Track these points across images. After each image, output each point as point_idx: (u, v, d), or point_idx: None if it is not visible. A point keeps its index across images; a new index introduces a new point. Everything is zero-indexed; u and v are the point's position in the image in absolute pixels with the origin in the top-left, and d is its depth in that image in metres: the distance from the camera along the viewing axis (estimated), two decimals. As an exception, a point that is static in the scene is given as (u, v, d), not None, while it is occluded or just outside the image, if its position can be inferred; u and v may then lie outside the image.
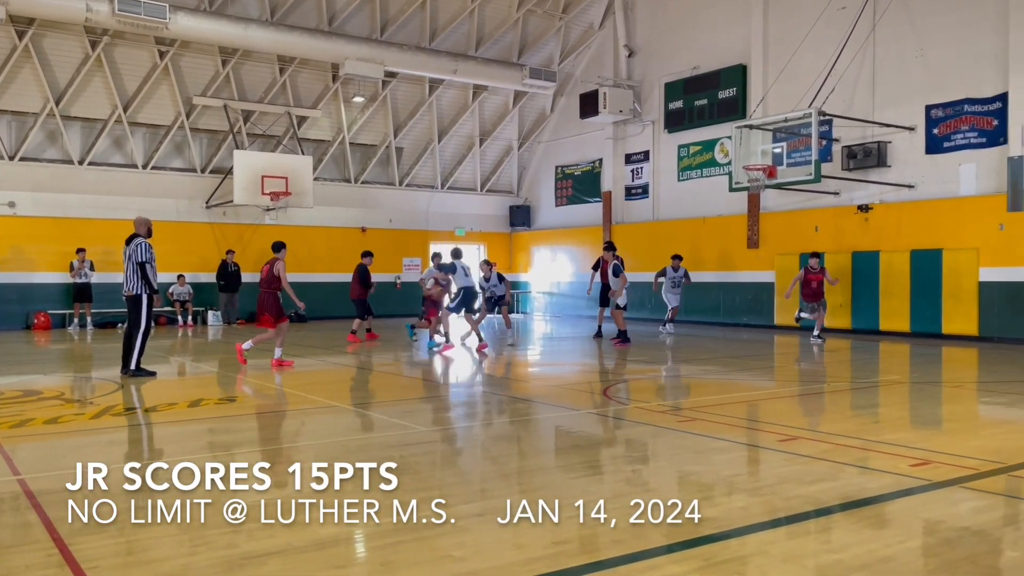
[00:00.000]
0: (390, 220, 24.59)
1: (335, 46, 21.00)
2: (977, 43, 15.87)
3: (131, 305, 10.43)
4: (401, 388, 10.08)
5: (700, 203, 21.33)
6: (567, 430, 7.52)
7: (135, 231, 10.55)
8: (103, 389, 9.46)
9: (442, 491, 5.09)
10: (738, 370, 11.69)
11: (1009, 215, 15.32)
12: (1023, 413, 7.90)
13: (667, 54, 22.29)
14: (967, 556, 3.76)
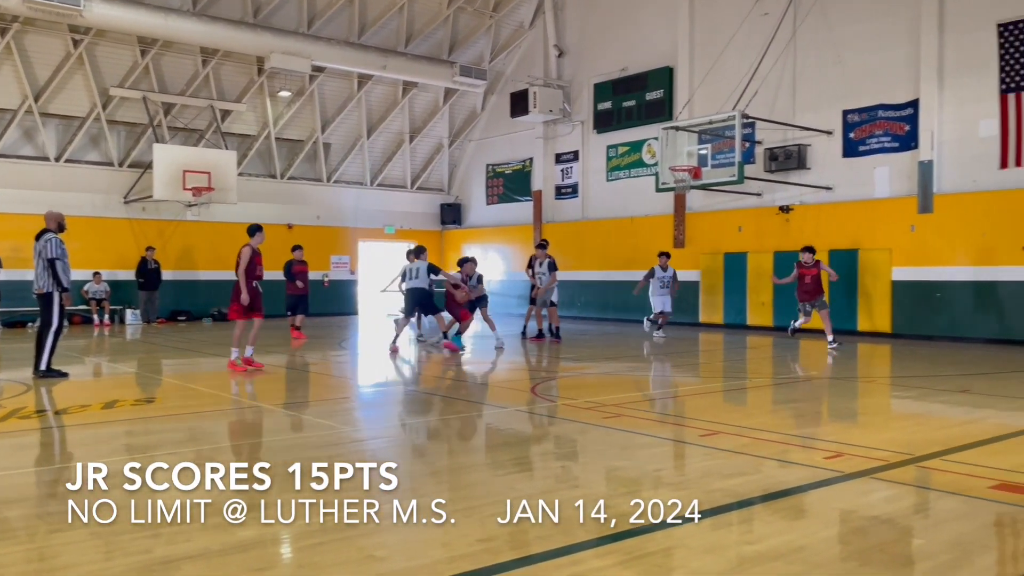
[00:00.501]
0: (317, 217, 24.20)
1: (261, 39, 20.54)
2: (891, 51, 16.51)
3: (42, 304, 10.01)
4: (328, 388, 9.93)
5: (629, 203, 21.63)
6: (495, 428, 7.52)
7: (46, 226, 10.11)
8: (11, 391, 9.04)
9: (367, 490, 5.02)
10: (663, 367, 11.88)
11: (920, 217, 15.99)
12: (932, 406, 8.26)
13: (596, 55, 22.54)
14: (877, 544, 3.89)
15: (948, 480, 5.06)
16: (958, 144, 15.61)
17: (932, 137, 15.81)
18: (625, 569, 3.63)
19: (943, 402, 8.43)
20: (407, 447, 6.59)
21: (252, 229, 11.11)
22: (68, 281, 10.04)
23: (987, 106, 15.13)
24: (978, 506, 4.51)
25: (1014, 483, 4.94)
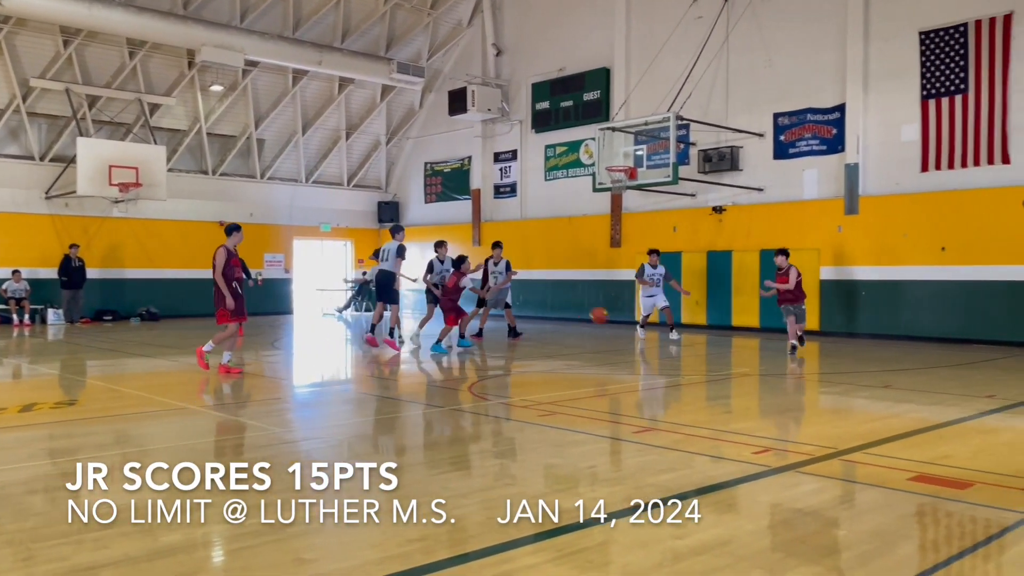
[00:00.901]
0: (251, 214, 23.70)
1: (191, 31, 20.00)
2: (819, 56, 16.98)
3: None
4: (260, 388, 9.73)
5: (566, 203, 21.77)
6: (431, 427, 7.47)
7: None
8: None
9: (298, 492, 4.93)
10: (600, 365, 11.99)
11: (846, 218, 16.49)
12: (855, 402, 8.52)
13: (534, 55, 22.62)
14: (801, 536, 3.99)
15: (869, 473, 5.22)
16: (882, 148, 16.15)
17: (858, 141, 16.32)
18: (557, 566, 3.64)
19: (866, 397, 8.70)
20: (340, 448, 6.50)
21: (229, 229, 10.34)
22: None
23: (909, 111, 15.69)
24: (897, 497, 4.66)
25: (931, 475, 5.12)
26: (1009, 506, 4.51)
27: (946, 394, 8.69)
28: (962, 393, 8.74)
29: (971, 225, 14.81)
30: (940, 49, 15.24)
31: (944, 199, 15.14)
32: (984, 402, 8.11)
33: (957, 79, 15.03)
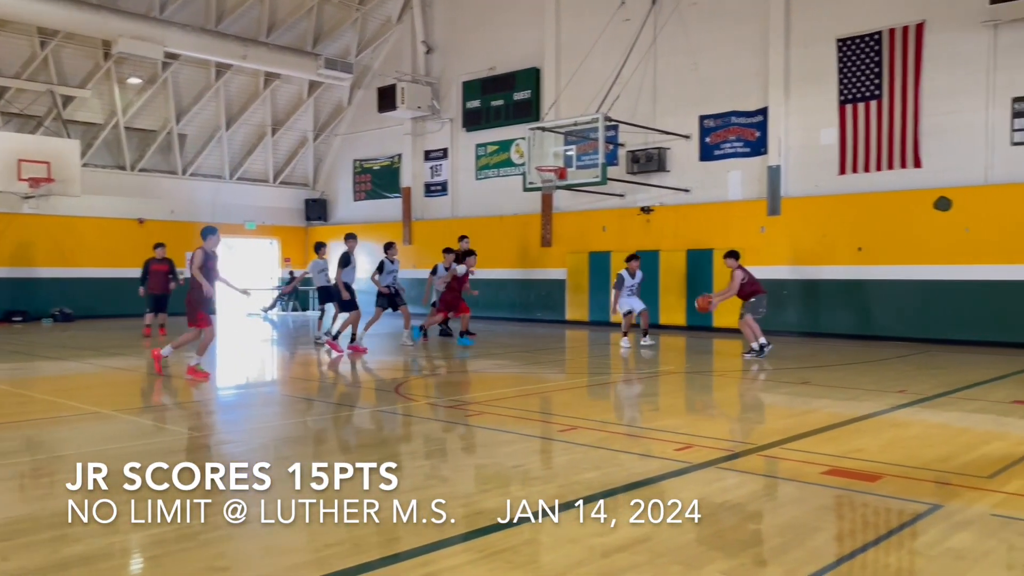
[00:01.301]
0: (172, 211, 22.99)
1: (106, 21, 19.24)
2: (743, 60, 17.38)
3: None
4: (179, 391, 9.42)
5: (498, 202, 21.78)
6: (357, 429, 7.36)
7: None
8: None
9: (210, 498, 4.78)
10: (529, 364, 12.02)
11: (769, 219, 16.93)
12: (775, 398, 8.74)
13: (465, 53, 22.55)
14: (719, 531, 4.06)
15: (786, 467, 5.35)
16: (802, 151, 16.63)
17: (780, 143, 16.77)
18: (477, 567, 3.61)
19: (785, 394, 8.94)
20: (260, 451, 6.33)
21: (206, 232, 9.97)
22: None
23: (828, 116, 16.19)
24: (812, 491, 4.78)
25: (844, 468, 5.28)
26: (917, 497, 4.67)
27: (860, 390, 8.99)
28: (875, 388, 9.05)
29: (885, 226, 15.37)
30: (856, 56, 15.78)
31: (860, 201, 15.68)
32: (895, 397, 8.41)
33: (872, 85, 15.58)
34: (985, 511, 4.40)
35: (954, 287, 14.71)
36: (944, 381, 9.71)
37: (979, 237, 14.40)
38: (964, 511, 4.40)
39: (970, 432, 6.65)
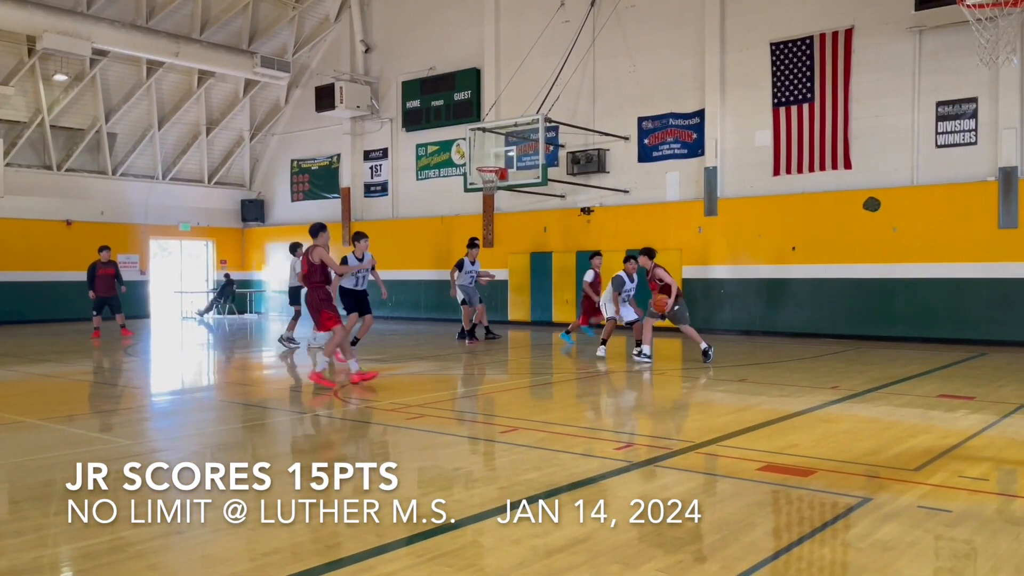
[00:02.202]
0: (102, 212, 22.30)
1: (30, 16, 18.56)
2: (680, 63, 17.65)
3: None
4: (112, 398, 9.13)
5: (439, 202, 21.69)
6: (296, 433, 7.23)
7: None
8: None
9: (141, 508, 4.63)
10: (471, 365, 11.98)
11: (706, 219, 17.22)
12: (712, 395, 8.89)
13: (404, 53, 22.40)
14: (657, 528, 4.10)
15: (723, 464, 5.44)
16: (738, 152, 16.98)
17: (716, 145, 17.08)
18: (416, 571, 3.58)
19: (723, 391, 9.10)
20: (196, 458, 6.17)
21: (317, 228, 9.37)
22: None
23: (762, 118, 16.56)
24: (747, 487, 4.87)
25: (778, 464, 5.39)
26: (848, 490, 4.80)
27: (795, 386, 9.20)
28: (809, 385, 9.27)
29: (817, 226, 15.79)
30: (789, 60, 16.17)
31: (794, 201, 16.07)
32: (828, 393, 8.64)
33: (804, 88, 15.99)
34: (912, 503, 4.54)
35: (883, 285, 15.19)
36: (874, 376, 10.01)
37: (906, 236, 14.90)
38: (892, 503, 4.53)
39: (898, 426, 6.86)
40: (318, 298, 9.23)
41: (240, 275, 25.75)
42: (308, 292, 9.37)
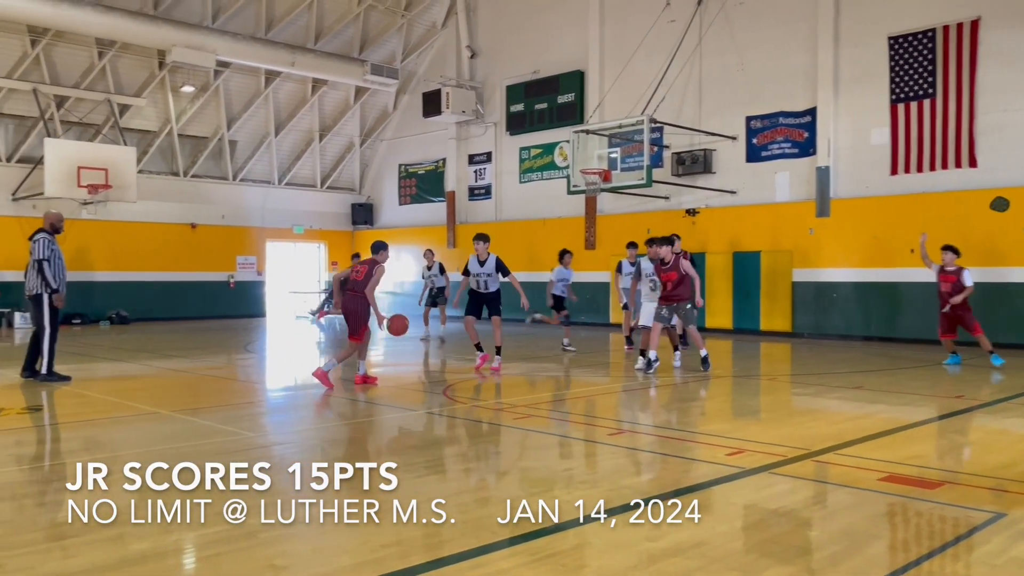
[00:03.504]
0: (223, 216, 23.49)
1: (161, 31, 19.76)
2: (790, 60, 17.15)
3: (33, 305, 9.94)
4: (232, 393, 9.62)
5: (541, 205, 21.80)
6: (406, 430, 7.44)
7: (41, 226, 10.04)
8: None
9: (271, 497, 4.88)
10: (574, 367, 12.00)
11: (817, 220, 16.67)
12: (827, 402, 8.60)
13: (509, 57, 22.63)
14: (771, 537, 4.02)
15: (841, 473, 5.27)
16: (852, 151, 16.35)
17: (829, 144, 16.50)
18: (530, 569, 3.63)
19: (838, 398, 8.79)
20: (314, 451, 6.44)
21: (379, 246, 9.68)
22: (59, 282, 9.90)
23: (879, 115, 15.89)
24: (867, 497, 4.70)
25: (901, 475, 5.18)
26: (978, 505, 4.57)
27: (915, 394, 8.80)
28: (930, 393, 8.86)
29: (939, 228, 14.98)
30: (909, 54, 15.46)
31: (912, 201, 15.35)
32: (952, 402, 8.22)
33: (925, 83, 15.26)
34: (1050, 520, 4.28)
35: (1012, 289, 14.31)
36: (1004, 386, 9.46)
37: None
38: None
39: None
40: (364, 308, 9.32)
41: (347, 276, 26.57)
42: (354, 298, 9.37)
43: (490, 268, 10.95)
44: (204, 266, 23.04)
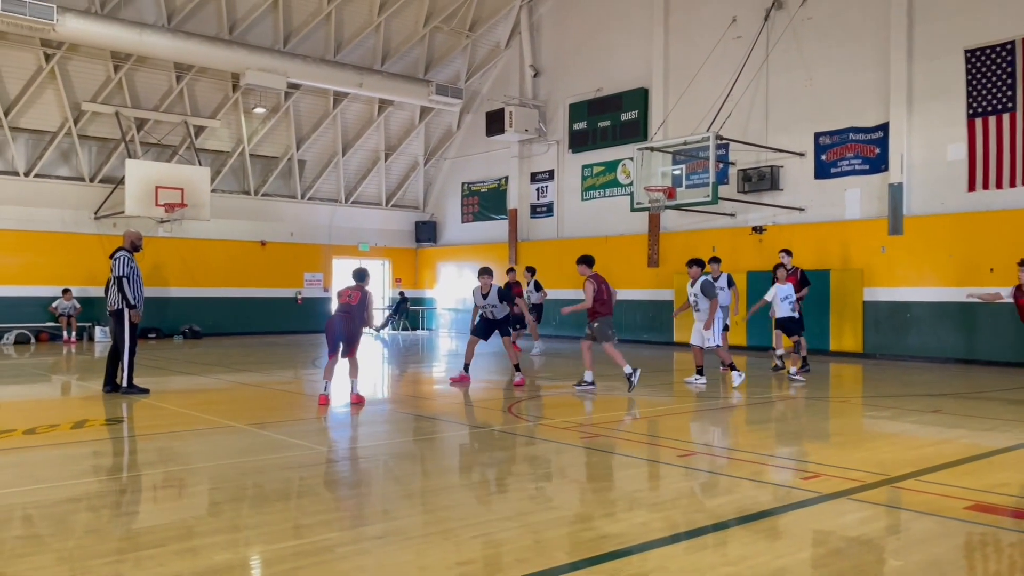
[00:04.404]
0: (291, 234, 24.06)
1: (236, 55, 20.43)
2: (861, 75, 16.81)
3: (113, 321, 10.40)
4: (301, 407, 9.80)
5: (603, 222, 21.74)
6: (471, 448, 7.46)
7: (121, 244, 10.56)
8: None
9: (343, 512, 4.95)
10: (640, 387, 11.86)
11: (890, 238, 16.23)
12: (904, 426, 8.33)
13: (572, 75, 22.71)
14: (854, 565, 3.90)
15: (923, 501, 5.08)
16: (927, 167, 15.89)
17: (902, 160, 16.08)
18: (606, 592, 3.59)
19: (915, 422, 8.51)
20: (383, 468, 6.51)
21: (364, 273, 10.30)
22: (138, 298, 10.37)
23: (955, 130, 15.44)
24: (953, 527, 4.53)
25: (988, 503, 4.97)
26: (1072, 538, 4.35)
27: (998, 419, 8.46)
28: (1015, 419, 8.50)
29: (1021, 245, 14.46)
30: (987, 67, 15.00)
31: (992, 219, 14.84)
32: (1039, 428, 7.88)
33: (1005, 97, 14.77)
34: None
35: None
36: (1093, 412, 9.01)
37: None
38: None
39: None
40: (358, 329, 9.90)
41: (413, 293, 26.92)
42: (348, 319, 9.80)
43: (493, 299, 11.77)
44: (273, 282, 23.61)
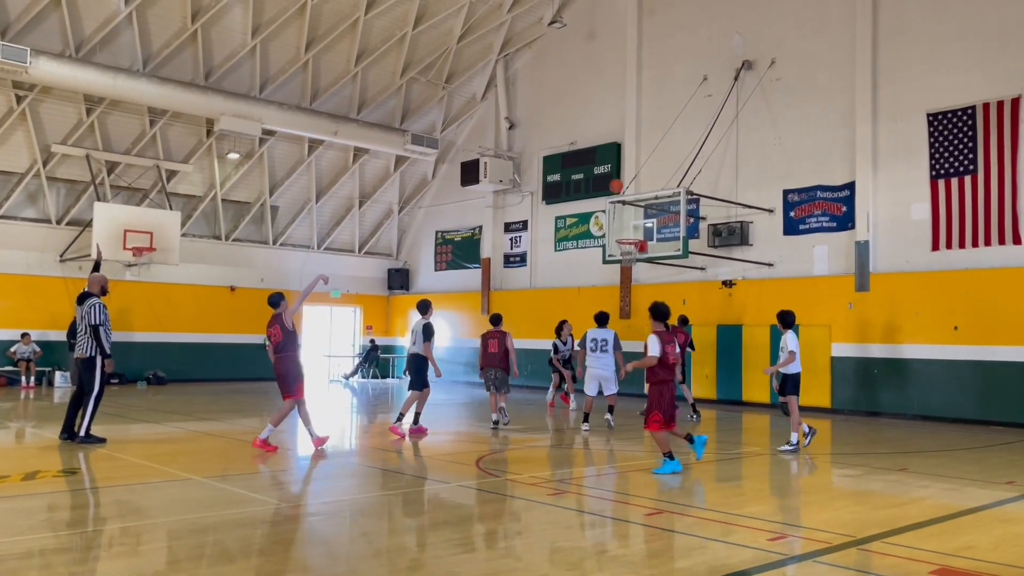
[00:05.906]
0: (261, 279, 23.84)
1: (211, 101, 20.45)
2: (828, 134, 17.20)
3: (84, 368, 10.06)
4: (263, 458, 9.59)
5: (576, 273, 21.83)
6: (438, 504, 7.32)
7: (87, 289, 10.23)
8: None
9: (303, 573, 4.80)
10: (609, 440, 11.80)
11: (857, 295, 16.44)
12: (872, 485, 8.32)
13: (546, 128, 23.02)
14: (821, 634, 3.83)
15: (889, 564, 5.05)
16: (892, 226, 16.20)
17: (868, 218, 16.38)
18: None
19: (882, 480, 8.50)
20: (348, 524, 6.35)
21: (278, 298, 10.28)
22: (109, 346, 10.12)
23: (919, 191, 15.78)
24: (920, 592, 4.49)
25: (954, 567, 4.95)
26: (1037, 605, 4.33)
27: (964, 479, 8.49)
28: (980, 478, 8.53)
29: (983, 305, 14.72)
30: (948, 130, 15.43)
31: (955, 278, 15.10)
32: (1003, 489, 7.91)
33: (966, 160, 15.17)
34: (1117, 625, 4.04)
35: (1062, 370, 13.88)
36: (1056, 472, 9.08)
37: (1088, 317, 13.62)
38: (1093, 623, 4.05)
39: (1091, 532, 6.16)
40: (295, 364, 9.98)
41: (384, 340, 26.71)
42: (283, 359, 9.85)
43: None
44: (241, 328, 23.28)
